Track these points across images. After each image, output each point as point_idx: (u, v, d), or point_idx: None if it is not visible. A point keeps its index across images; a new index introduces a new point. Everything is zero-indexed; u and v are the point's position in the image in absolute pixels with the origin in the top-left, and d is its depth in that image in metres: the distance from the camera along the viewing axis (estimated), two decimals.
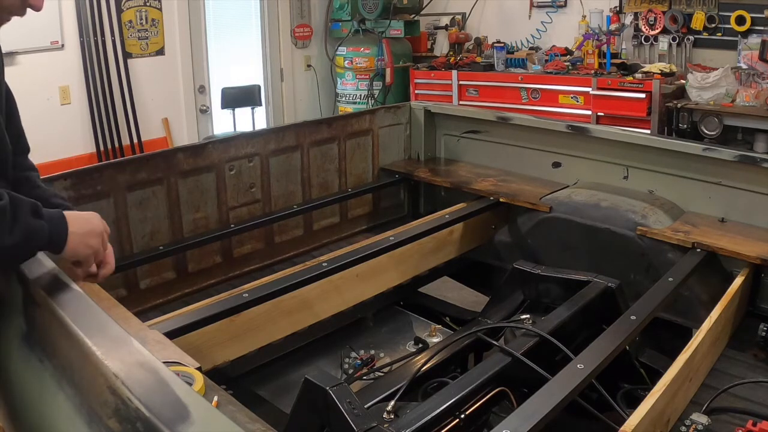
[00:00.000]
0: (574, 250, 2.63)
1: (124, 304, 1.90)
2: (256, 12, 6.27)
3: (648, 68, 5.03)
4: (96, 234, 1.50)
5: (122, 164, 2.49)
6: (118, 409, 1.02)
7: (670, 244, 2.39)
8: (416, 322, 2.68)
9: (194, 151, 2.65)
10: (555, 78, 5.23)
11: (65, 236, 1.42)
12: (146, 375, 1.07)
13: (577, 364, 1.59)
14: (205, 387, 1.39)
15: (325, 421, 1.51)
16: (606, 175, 2.86)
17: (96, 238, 1.50)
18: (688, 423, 1.63)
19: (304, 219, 3.05)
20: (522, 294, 2.37)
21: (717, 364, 1.98)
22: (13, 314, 1.46)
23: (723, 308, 1.94)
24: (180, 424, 0.94)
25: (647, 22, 5.37)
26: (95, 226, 1.51)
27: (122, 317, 1.74)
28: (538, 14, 6.00)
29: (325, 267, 2.28)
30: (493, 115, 3.27)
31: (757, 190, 2.45)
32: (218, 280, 2.74)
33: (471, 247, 2.94)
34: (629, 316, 1.85)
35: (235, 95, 5.78)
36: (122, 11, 5.18)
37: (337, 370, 2.33)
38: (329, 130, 3.13)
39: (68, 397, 1.17)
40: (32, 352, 1.35)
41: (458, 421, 1.57)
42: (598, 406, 1.76)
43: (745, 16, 4.87)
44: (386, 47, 5.99)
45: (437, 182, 3.19)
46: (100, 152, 5.18)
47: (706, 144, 3.03)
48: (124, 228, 2.45)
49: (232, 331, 2.04)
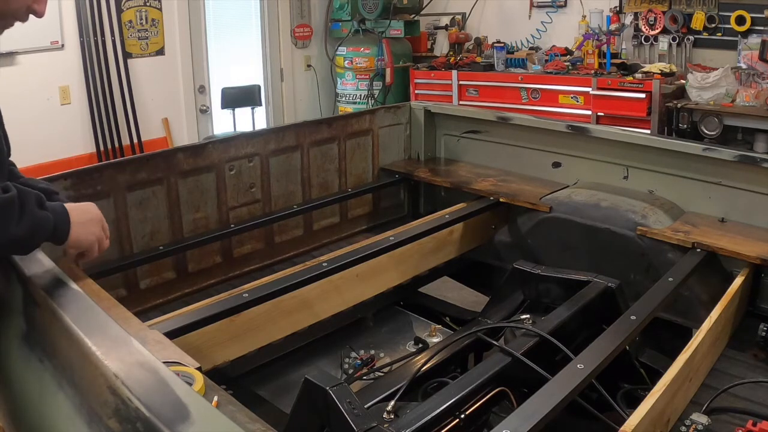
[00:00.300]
0: (574, 250, 2.63)
1: (124, 304, 1.90)
2: (256, 12, 6.27)
3: (648, 68, 5.03)
4: (96, 221, 1.55)
5: (122, 164, 2.49)
6: (118, 409, 1.02)
7: (670, 244, 2.39)
8: (416, 322, 2.68)
9: (194, 151, 2.65)
10: (555, 78, 5.23)
11: (68, 227, 1.46)
12: (146, 375, 1.07)
13: (577, 364, 1.59)
14: (205, 387, 1.38)
15: (325, 421, 1.51)
16: (606, 175, 2.86)
17: (97, 225, 1.55)
18: (688, 423, 1.63)
19: (304, 219, 3.05)
20: (522, 294, 2.37)
21: (717, 364, 1.98)
22: (13, 314, 1.46)
23: (723, 308, 1.94)
24: (180, 424, 0.95)
25: (647, 22, 5.37)
26: (94, 214, 1.55)
27: (122, 317, 1.73)
28: (538, 14, 6.00)
29: (325, 267, 2.28)
30: (493, 115, 3.27)
31: (757, 190, 2.45)
32: (218, 280, 2.74)
33: (471, 247, 2.94)
34: (629, 316, 1.84)
35: (235, 95, 5.79)
36: (122, 11, 5.18)
37: (337, 370, 2.32)
38: (329, 130, 3.13)
39: (68, 397, 1.17)
40: (32, 352, 1.35)
41: (458, 421, 1.57)
42: (598, 406, 1.76)
43: (745, 16, 4.87)
44: (386, 47, 5.99)
45: (437, 182, 3.19)
46: (100, 152, 5.19)
47: (706, 144, 3.03)
48: (124, 228, 2.45)
49: (232, 331, 2.04)
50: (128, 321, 1.73)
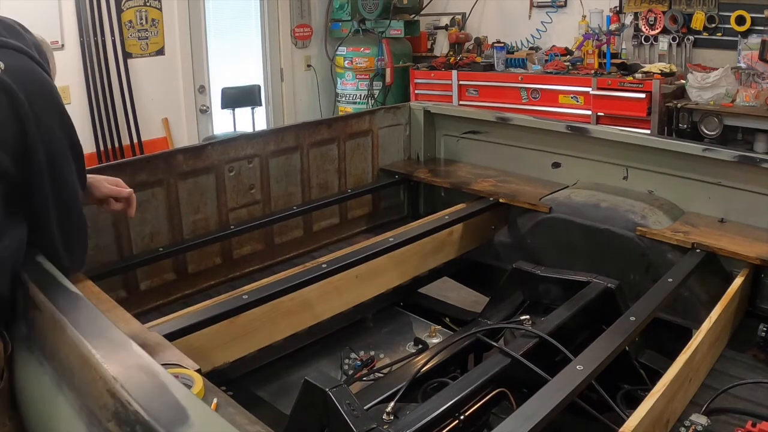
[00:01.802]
0: (574, 250, 2.63)
1: (123, 305, 1.90)
2: (256, 12, 6.26)
3: (648, 68, 5.02)
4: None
5: (122, 166, 2.49)
6: (118, 412, 1.02)
7: (670, 245, 2.39)
8: (416, 323, 2.68)
9: (194, 153, 2.65)
10: (555, 78, 5.23)
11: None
12: (145, 378, 1.07)
13: (576, 365, 1.59)
14: (204, 389, 1.38)
15: (325, 422, 1.51)
16: (606, 175, 2.86)
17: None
18: (687, 424, 1.62)
19: (303, 220, 3.05)
20: (522, 295, 2.37)
21: (717, 365, 1.98)
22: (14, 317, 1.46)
23: (723, 308, 1.94)
24: (179, 427, 0.95)
25: (647, 22, 5.37)
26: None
27: (122, 319, 1.73)
28: (538, 14, 5.99)
29: (324, 268, 2.28)
30: (493, 116, 3.27)
31: (757, 190, 2.45)
32: (218, 282, 2.74)
33: (471, 247, 2.94)
34: (629, 317, 1.85)
35: (235, 95, 5.78)
36: (122, 11, 5.18)
37: (336, 371, 2.32)
38: (329, 131, 3.13)
39: (68, 399, 1.18)
40: (32, 355, 1.35)
41: (458, 422, 1.58)
42: (597, 406, 1.76)
43: (745, 16, 4.86)
44: (386, 47, 5.99)
45: (437, 183, 3.19)
46: (100, 152, 5.18)
47: (706, 144, 3.03)
48: (124, 230, 2.45)
49: (232, 333, 2.04)
50: (128, 323, 1.73)
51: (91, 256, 2.34)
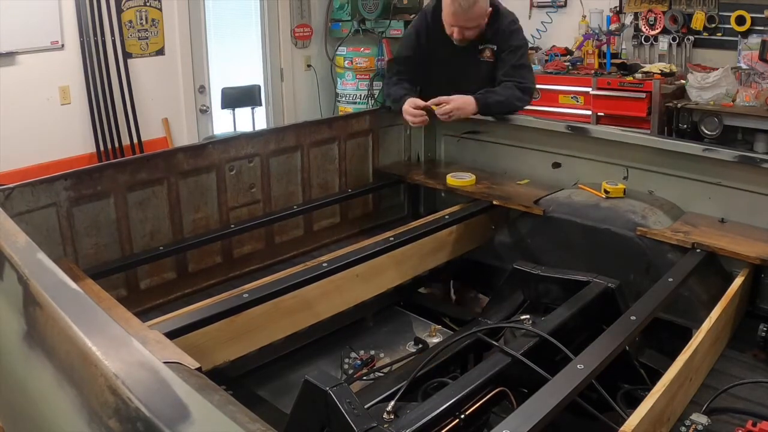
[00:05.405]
0: (574, 250, 2.63)
1: (124, 304, 1.90)
2: (256, 12, 6.27)
3: (648, 68, 5.03)
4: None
5: (123, 164, 2.49)
6: (119, 409, 1.02)
7: (670, 245, 2.39)
8: (416, 323, 2.68)
9: (194, 152, 2.65)
10: (555, 78, 5.23)
11: None
12: (146, 375, 1.07)
13: (576, 365, 1.59)
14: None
15: (325, 421, 1.50)
16: (606, 175, 2.86)
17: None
18: (687, 423, 1.62)
19: (304, 219, 3.05)
20: (522, 294, 2.37)
21: (717, 365, 1.98)
22: (13, 314, 1.46)
23: (723, 308, 1.94)
24: (180, 423, 0.95)
25: (647, 22, 5.37)
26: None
27: (122, 317, 1.74)
28: (538, 14, 6.00)
29: (325, 267, 2.28)
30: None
31: (757, 190, 2.45)
32: (218, 281, 2.74)
33: (471, 247, 2.94)
34: (629, 317, 1.84)
35: (235, 95, 5.79)
36: (122, 11, 5.18)
37: (337, 371, 2.32)
38: (329, 131, 3.13)
39: (68, 397, 1.17)
40: (32, 352, 1.35)
41: (458, 422, 1.57)
42: (597, 406, 1.76)
43: (745, 16, 4.87)
44: (386, 47, 5.99)
45: (437, 183, 3.19)
46: (100, 152, 5.19)
47: (706, 144, 3.03)
48: (125, 228, 2.45)
49: (233, 332, 2.04)
50: (128, 321, 1.74)
51: (91, 255, 2.35)
